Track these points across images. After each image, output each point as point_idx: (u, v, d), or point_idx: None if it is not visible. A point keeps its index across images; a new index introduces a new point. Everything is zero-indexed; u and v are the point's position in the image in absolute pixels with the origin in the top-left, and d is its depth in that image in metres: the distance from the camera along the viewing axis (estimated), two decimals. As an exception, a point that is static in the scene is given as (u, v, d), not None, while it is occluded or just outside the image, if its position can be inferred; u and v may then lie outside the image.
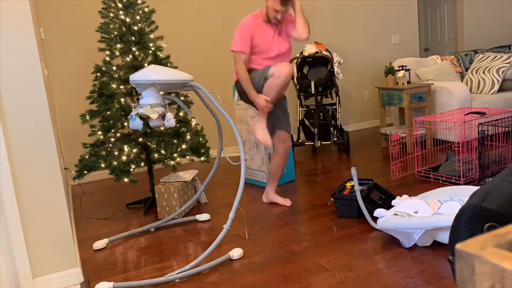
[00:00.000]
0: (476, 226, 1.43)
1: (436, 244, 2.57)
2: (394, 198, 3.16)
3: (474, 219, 1.43)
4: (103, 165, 3.56)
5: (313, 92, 4.85)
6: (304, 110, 5.13)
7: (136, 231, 3.26)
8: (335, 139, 4.94)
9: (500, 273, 0.61)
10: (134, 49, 3.64)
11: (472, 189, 2.81)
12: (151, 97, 2.69)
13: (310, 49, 4.96)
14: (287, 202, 3.50)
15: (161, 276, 2.58)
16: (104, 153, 3.60)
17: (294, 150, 5.37)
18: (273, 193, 3.57)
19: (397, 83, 4.73)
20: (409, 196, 2.92)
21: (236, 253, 2.70)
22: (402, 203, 2.73)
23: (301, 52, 5.01)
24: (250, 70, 3.34)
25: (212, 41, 5.32)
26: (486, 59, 5.24)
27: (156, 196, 3.52)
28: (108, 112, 3.62)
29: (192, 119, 3.89)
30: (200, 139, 3.85)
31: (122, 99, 3.63)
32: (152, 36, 3.76)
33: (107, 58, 3.69)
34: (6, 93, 2.36)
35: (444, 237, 2.50)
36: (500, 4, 6.85)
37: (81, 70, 4.75)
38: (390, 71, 4.79)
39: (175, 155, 3.58)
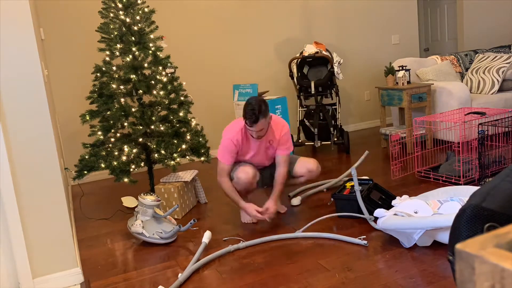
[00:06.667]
0: (476, 226, 1.43)
1: (436, 244, 2.57)
2: (394, 198, 3.16)
3: (474, 219, 1.43)
4: (103, 165, 3.56)
5: (313, 92, 4.85)
6: (304, 110, 5.12)
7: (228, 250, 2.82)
8: (335, 139, 4.93)
9: (500, 273, 0.61)
10: (134, 49, 3.64)
11: (472, 189, 2.81)
12: None
13: (310, 49, 4.96)
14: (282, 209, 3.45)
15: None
16: (104, 153, 3.60)
17: (294, 150, 5.37)
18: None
19: (397, 83, 4.73)
20: (409, 196, 2.92)
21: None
22: (402, 203, 2.73)
23: (301, 52, 5.00)
24: None
25: (212, 41, 5.32)
26: (486, 59, 5.24)
27: (156, 196, 3.52)
28: (108, 112, 3.62)
29: (192, 119, 3.89)
30: (200, 139, 3.85)
31: (122, 99, 3.63)
32: (152, 36, 3.76)
33: (107, 58, 3.69)
34: (6, 93, 2.36)
35: (444, 237, 2.50)
36: (500, 4, 6.85)
37: (81, 70, 4.75)
38: (390, 71, 4.78)
39: (175, 155, 3.58)
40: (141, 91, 3.64)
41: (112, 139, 3.67)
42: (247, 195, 3.25)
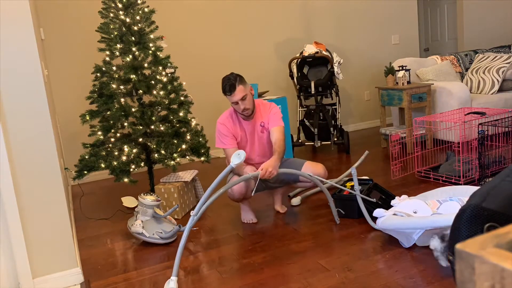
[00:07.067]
0: (476, 226, 1.43)
1: (436, 244, 2.57)
2: (394, 198, 3.16)
3: (474, 219, 1.43)
4: (103, 165, 3.56)
5: (313, 92, 4.85)
6: (304, 110, 5.12)
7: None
8: (335, 139, 4.94)
9: (500, 273, 0.61)
10: (134, 49, 3.64)
11: (472, 189, 2.81)
12: None
13: (310, 49, 4.96)
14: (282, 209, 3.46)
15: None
16: (104, 153, 3.60)
17: (294, 150, 5.37)
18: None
19: (397, 83, 4.73)
20: (409, 196, 2.92)
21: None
22: (401, 203, 2.73)
23: (301, 52, 5.01)
24: None
25: (212, 41, 5.32)
26: (486, 59, 5.24)
27: (156, 196, 3.52)
28: (108, 112, 3.62)
29: (192, 119, 3.89)
30: (200, 139, 3.85)
31: (122, 99, 3.63)
32: (152, 36, 3.76)
33: (107, 58, 3.69)
34: (6, 93, 2.36)
35: (444, 237, 2.50)
36: (500, 4, 6.85)
37: (81, 70, 4.75)
38: (390, 71, 4.78)
39: (175, 155, 3.58)
40: (141, 91, 3.64)
41: (112, 139, 3.67)
42: (243, 201, 3.25)
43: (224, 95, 3.04)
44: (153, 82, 3.67)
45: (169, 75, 3.80)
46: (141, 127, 3.60)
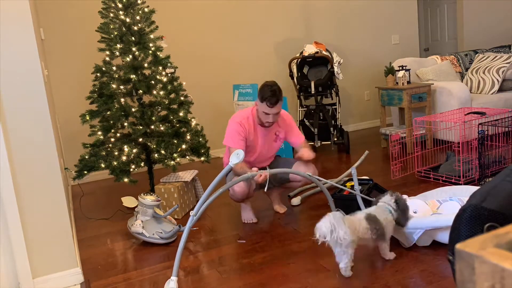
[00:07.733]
0: (476, 226, 1.43)
1: (436, 244, 2.57)
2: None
3: (474, 219, 1.43)
4: (103, 165, 3.56)
5: (313, 92, 4.85)
6: (304, 110, 5.12)
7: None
8: (335, 139, 4.93)
9: (500, 273, 0.61)
10: (134, 49, 3.64)
11: (472, 189, 2.82)
12: None
13: (310, 49, 4.95)
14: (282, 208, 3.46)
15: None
16: (104, 153, 3.60)
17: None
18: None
19: (397, 83, 4.73)
20: (409, 196, 2.92)
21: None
22: (402, 203, 2.72)
23: (301, 52, 5.00)
24: None
25: (212, 41, 5.31)
26: (486, 59, 5.24)
27: (156, 196, 3.52)
28: (108, 112, 3.62)
29: (192, 119, 3.89)
30: (200, 139, 3.85)
31: (122, 99, 3.63)
32: (152, 36, 3.76)
33: (107, 58, 3.69)
34: (6, 93, 2.36)
35: (444, 237, 2.50)
36: (500, 4, 6.85)
37: (81, 70, 4.75)
38: (390, 71, 4.78)
39: (175, 155, 3.58)
40: (141, 91, 3.64)
41: (112, 139, 3.67)
42: (246, 201, 3.25)
43: (260, 102, 2.97)
44: (153, 82, 3.67)
45: (169, 75, 3.80)
46: (141, 127, 3.60)
